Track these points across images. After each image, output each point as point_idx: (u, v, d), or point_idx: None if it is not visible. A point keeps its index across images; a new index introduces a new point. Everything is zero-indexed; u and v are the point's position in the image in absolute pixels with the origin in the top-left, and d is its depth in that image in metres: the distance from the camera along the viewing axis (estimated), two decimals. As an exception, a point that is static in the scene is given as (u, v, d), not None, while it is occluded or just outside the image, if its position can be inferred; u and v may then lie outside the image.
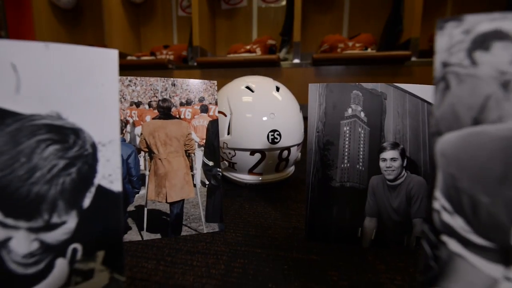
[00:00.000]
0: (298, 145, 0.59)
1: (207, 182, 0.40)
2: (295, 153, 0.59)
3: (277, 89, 0.58)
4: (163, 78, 0.38)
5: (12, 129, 0.19)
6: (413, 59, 1.46)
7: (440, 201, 0.16)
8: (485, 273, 0.16)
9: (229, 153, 0.56)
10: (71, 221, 0.20)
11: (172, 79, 0.38)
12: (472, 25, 0.15)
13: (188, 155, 0.39)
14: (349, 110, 0.36)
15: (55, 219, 0.19)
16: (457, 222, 0.16)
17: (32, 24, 1.85)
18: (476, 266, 0.16)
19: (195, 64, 1.63)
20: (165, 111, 0.38)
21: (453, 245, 0.16)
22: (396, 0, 1.58)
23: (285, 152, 0.56)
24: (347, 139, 0.37)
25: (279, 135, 0.53)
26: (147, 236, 0.37)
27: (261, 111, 0.54)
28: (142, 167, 0.38)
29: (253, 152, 0.54)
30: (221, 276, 0.30)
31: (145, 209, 0.38)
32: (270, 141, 0.53)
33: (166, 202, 0.38)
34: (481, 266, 0.16)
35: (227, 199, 0.52)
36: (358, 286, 0.29)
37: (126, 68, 1.72)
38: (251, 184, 0.58)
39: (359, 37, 1.61)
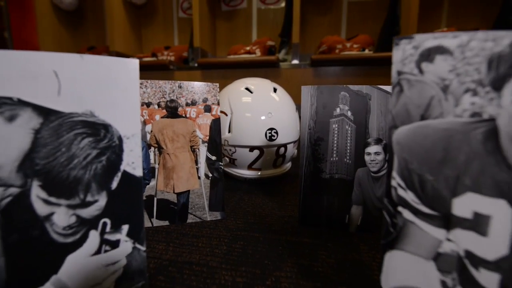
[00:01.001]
0: (294, 142, 0.63)
1: (210, 175, 0.45)
2: (291, 150, 0.64)
3: (275, 90, 0.62)
4: (170, 81, 0.43)
5: (55, 124, 0.23)
6: (409, 60, 1.50)
7: (396, 180, 0.21)
8: (431, 236, 0.20)
9: (230, 149, 0.61)
10: (102, 200, 0.24)
11: (178, 82, 0.43)
12: (420, 42, 0.20)
13: (193, 150, 0.44)
14: (337, 110, 0.41)
15: (89, 198, 0.24)
16: (409, 196, 0.20)
17: (35, 25, 1.90)
18: (424, 230, 0.20)
19: (196, 65, 1.68)
20: (172, 111, 0.43)
21: (407, 214, 0.21)
22: (393, 2, 1.63)
23: (282, 149, 0.61)
24: (335, 135, 0.41)
25: (276, 133, 0.58)
26: (156, 223, 0.42)
27: (260, 110, 0.59)
28: (152, 161, 0.43)
29: (252, 148, 0.59)
30: (223, 255, 0.35)
31: (155, 199, 0.42)
32: (268, 138, 0.58)
33: (174, 192, 0.43)
34: (428, 230, 0.20)
35: (228, 193, 0.57)
36: (343, 263, 0.34)
37: (128, 69, 1.76)
38: (251, 179, 0.63)
39: (357, 38, 1.65)
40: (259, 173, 0.62)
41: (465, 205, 0.19)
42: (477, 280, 0.19)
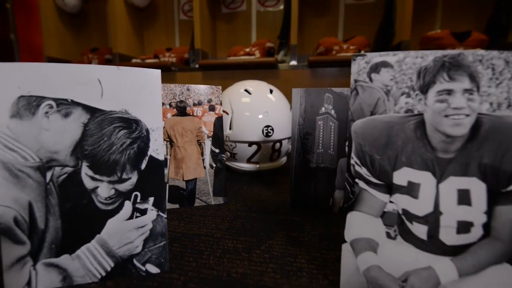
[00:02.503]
0: (288, 138, 0.71)
1: (214, 165, 0.53)
2: (286, 145, 0.72)
3: (271, 91, 0.70)
4: (180, 84, 0.51)
5: (99, 119, 0.31)
6: (404, 61, 1.58)
7: (354, 159, 0.28)
8: (379, 199, 0.28)
9: (231, 145, 0.69)
10: (134, 177, 0.32)
11: (187, 85, 0.51)
12: (370, 58, 0.28)
13: (200, 144, 0.52)
14: (323, 109, 0.49)
15: (124, 176, 0.32)
16: (363, 171, 0.28)
17: (40, 28, 1.99)
18: (374, 195, 0.28)
19: (197, 66, 1.76)
20: (181, 110, 0.51)
21: (361, 184, 0.28)
22: (388, 5, 1.71)
23: (277, 144, 0.69)
24: (321, 130, 0.49)
25: (272, 130, 0.66)
26: (168, 206, 0.50)
27: (257, 110, 0.67)
28: (164, 152, 0.50)
29: (250, 144, 0.67)
30: (226, 229, 0.43)
31: (167, 185, 0.50)
32: (264, 135, 0.66)
33: (183, 180, 0.51)
34: (376, 195, 0.28)
35: (229, 183, 0.65)
36: (326, 235, 0.41)
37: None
38: (250, 171, 0.70)
39: (354, 40, 1.73)
40: (257, 166, 0.70)
41: (402, 176, 0.27)
42: (411, 231, 0.27)
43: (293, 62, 1.71)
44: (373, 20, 1.79)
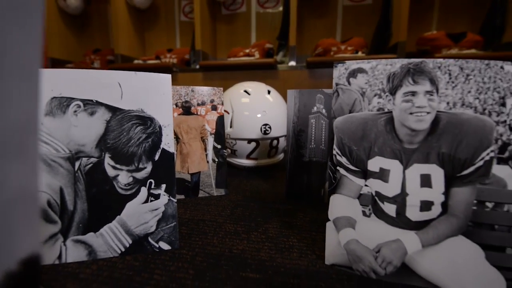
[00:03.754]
0: (285, 136, 0.77)
1: (216, 160, 0.59)
2: (283, 143, 0.77)
3: (268, 92, 0.76)
4: (185, 86, 0.57)
5: (119, 117, 0.37)
6: (400, 61, 1.64)
7: (335, 150, 0.34)
8: (356, 183, 0.34)
9: (231, 142, 0.74)
10: (149, 167, 0.38)
11: (191, 87, 0.57)
12: (349, 65, 0.34)
13: (203, 140, 0.58)
14: (315, 108, 0.55)
15: (141, 166, 0.38)
16: (343, 160, 0.34)
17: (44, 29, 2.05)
18: (352, 180, 0.34)
19: (198, 67, 1.82)
20: (187, 109, 0.57)
21: (342, 171, 0.34)
22: (385, 6, 1.77)
23: (275, 142, 0.74)
24: (313, 128, 0.55)
25: (270, 128, 0.72)
26: (175, 196, 0.55)
27: (256, 109, 0.72)
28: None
29: (249, 141, 0.73)
30: (227, 216, 0.49)
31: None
32: (263, 132, 0.71)
33: (188, 173, 0.57)
34: (354, 180, 0.34)
35: (230, 178, 0.70)
36: (316, 220, 0.47)
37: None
38: (249, 167, 0.76)
39: (351, 41, 1.79)
40: (256, 162, 0.76)
41: (375, 164, 0.33)
42: (383, 209, 0.33)
43: (292, 63, 1.76)
44: (371, 22, 1.85)
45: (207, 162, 0.58)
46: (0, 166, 0.15)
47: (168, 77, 0.39)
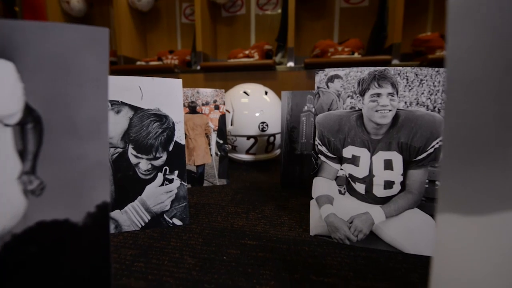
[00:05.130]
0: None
1: (219, 153, 0.67)
2: (279, 139, 0.86)
3: (266, 93, 0.85)
4: (191, 88, 0.66)
5: (140, 115, 0.46)
6: (395, 61, 1.73)
7: (317, 141, 0.43)
8: (333, 168, 0.43)
9: (232, 138, 0.83)
10: (164, 156, 0.47)
11: (197, 88, 0.66)
12: (328, 72, 0.43)
13: (207, 136, 0.67)
14: (305, 107, 0.64)
15: (157, 155, 0.46)
16: (323, 149, 0.43)
17: (47, 32, 2.14)
18: (330, 165, 0.43)
19: (199, 68, 1.91)
20: (192, 109, 0.66)
21: (322, 158, 0.43)
22: (380, 9, 1.86)
23: (272, 138, 0.83)
24: (304, 125, 0.64)
25: (267, 125, 0.80)
26: (182, 185, 0.64)
27: (254, 108, 0.81)
28: (179, 143, 0.65)
29: (248, 137, 0.82)
30: (229, 200, 0.57)
31: (181, 169, 0.65)
32: (260, 130, 0.80)
33: (194, 165, 0.65)
34: (332, 165, 0.43)
35: (231, 170, 0.79)
36: (305, 204, 0.56)
37: (136, 72, 1.99)
38: (248, 161, 0.85)
39: (348, 42, 1.88)
40: (254, 157, 0.85)
41: (348, 152, 0.42)
42: (355, 188, 0.42)
43: (290, 64, 1.85)
44: (367, 23, 1.94)
45: (211, 155, 0.67)
46: (84, 145, 0.24)
47: (179, 81, 0.48)
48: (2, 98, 0.22)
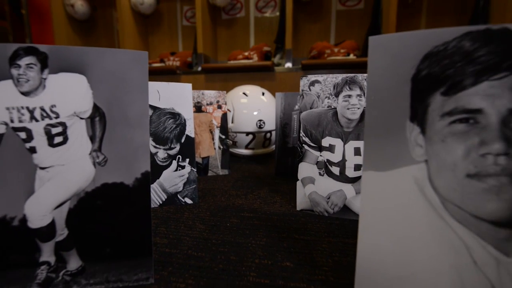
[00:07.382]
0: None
1: (221, 147, 0.79)
2: (275, 135, 0.98)
3: (263, 93, 0.97)
4: (196, 90, 0.78)
5: (158, 113, 0.58)
6: (388, 63, 1.85)
7: (301, 133, 0.55)
8: (315, 154, 0.55)
9: (233, 135, 0.95)
10: (177, 147, 0.59)
11: (201, 91, 0.78)
12: (309, 78, 0.55)
13: (211, 132, 0.79)
14: (296, 106, 0.75)
15: (172, 146, 0.58)
16: (306, 139, 0.55)
17: (52, 34, 2.27)
18: (312, 152, 0.55)
19: (200, 69, 2.03)
20: (198, 108, 0.78)
21: (306, 147, 0.55)
22: (375, 11, 1.98)
23: (268, 134, 0.95)
24: (295, 121, 0.76)
25: (264, 123, 0.92)
26: (190, 174, 0.76)
27: (252, 108, 0.93)
28: (187, 138, 0.77)
29: (247, 134, 0.94)
30: (230, 186, 0.69)
31: (189, 160, 0.77)
32: (258, 127, 0.92)
33: (200, 157, 0.77)
34: (313, 152, 0.55)
35: (231, 163, 0.91)
36: (295, 188, 0.68)
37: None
38: (247, 155, 0.97)
39: (344, 44, 2.00)
40: (253, 152, 0.96)
41: (326, 141, 0.54)
42: (331, 171, 0.54)
43: (288, 65, 1.98)
44: (362, 25, 2.06)
45: (214, 149, 0.79)
46: (132, 132, 0.36)
47: (189, 85, 0.60)
48: (79, 100, 0.34)
